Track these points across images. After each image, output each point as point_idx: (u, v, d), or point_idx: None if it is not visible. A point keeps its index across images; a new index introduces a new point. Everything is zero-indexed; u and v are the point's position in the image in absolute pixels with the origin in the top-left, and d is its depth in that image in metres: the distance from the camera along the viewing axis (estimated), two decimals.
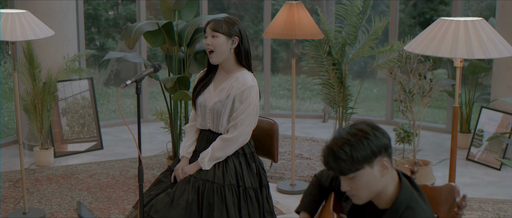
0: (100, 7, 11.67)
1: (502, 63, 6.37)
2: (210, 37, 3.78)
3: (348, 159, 2.43)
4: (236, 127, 3.76)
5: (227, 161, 3.80)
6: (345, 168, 2.45)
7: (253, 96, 3.76)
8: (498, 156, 6.36)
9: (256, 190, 3.83)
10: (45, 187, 5.79)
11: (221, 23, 3.77)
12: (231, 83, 3.81)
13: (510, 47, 3.70)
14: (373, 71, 11.90)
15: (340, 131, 2.50)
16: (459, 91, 3.91)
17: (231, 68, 3.85)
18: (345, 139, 2.46)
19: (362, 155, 2.44)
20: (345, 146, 2.44)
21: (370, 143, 2.45)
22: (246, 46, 3.85)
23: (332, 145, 2.47)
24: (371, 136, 2.47)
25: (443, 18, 3.75)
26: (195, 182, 3.72)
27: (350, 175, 2.47)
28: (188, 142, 3.97)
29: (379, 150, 2.47)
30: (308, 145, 7.14)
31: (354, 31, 6.07)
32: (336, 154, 2.44)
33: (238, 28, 3.80)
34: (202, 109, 3.87)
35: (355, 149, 2.44)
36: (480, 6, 11.44)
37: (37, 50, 6.47)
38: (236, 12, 12.67)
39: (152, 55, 11.67)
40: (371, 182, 2.49)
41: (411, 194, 2.56)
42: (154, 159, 6.60)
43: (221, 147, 3.76)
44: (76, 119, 6.79)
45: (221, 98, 3.80)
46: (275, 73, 12.50)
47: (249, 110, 3.76)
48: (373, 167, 2.47)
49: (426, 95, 5.62)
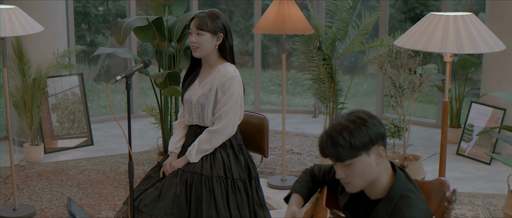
0: (89, 3, 11.63)
1: (491, 58, 6.39)
2: (195, 35, 3.79)
3: (346, 145, 2.45)
4: (221, 118, 3.77)
5: (215, 154, 3.81)
6: (343, 154, 2.46)
7: (235, 86, 3.78)
8: (488, 150, 6.38)
9: (245, 182, 3.84)
10: (35, 183, 5.77)
11: (206, 20, 3.77)
12: (214, 76, 3.83)
13: (500, 42, 3.71)
14: (364, 66, 11.92)
15: (339, 118, 2.52)
16: (449, 86, 3.92)
17: (214, 62, 3.87)
18: (344, 125, 2.48)
19: (361, 142, 2.46)
20: (344, 132, 2.46)
21: (368, 131, 2.48)
22: (230, 41, 3.87)
23: (331, 131, 2.48)
24: (370, 124, 2.49)
25: (433, 13, 3.76)
26: (183, 175, 3.73)
27: (347, 161, 2.48)
28: (176, 137, 3.99)
29: (376, 138, 2.49)
30: (299, 140, 7.15)
31: (344, 26, 6.07)
32: (335, 139, 2.46)
33: (222, 23, 3.81)
34: (188, 104, 3.89)
35: (353, 135, 2.46)
36: (470, 1, 11.47)
37: (26, 46, 6.45)
38: (226, 7, 12.65)
39: (142, 51, 11.64)
40: (367, 170, 2.51)
41: (406, 183, 2.58)
42: (145, 155, 6.59)
43: (207, 139, 3.77)
44: (66, 115, 6.78)
45: (205, 91, 3.82)
46: (266, 69, 12.50)
47: (233, 100, 3.77)
48: (369, 155, 2.50)
49: (416, 90, 5.63)
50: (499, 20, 6.26)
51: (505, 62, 6.28)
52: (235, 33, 12.39)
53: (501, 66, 6.33)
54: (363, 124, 2.48)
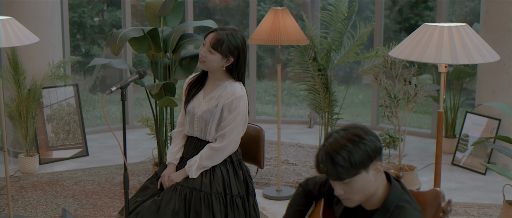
0: (85, 14, 11.63)
1: (486, 68, 6.41)
2: (206, 50, 3.75)
3: (346, 164, 2.43)
4: (224, 136, 3.75)
5: (214, 169, 3.79)
6: (342, 173, 2.44)
7: (241, 106, 3.76)
8: (483, 160, 6.39)
9: (243, 198, 3.82)
10: (30, 194, 5.76)
11: (222, 41, 3.71)
12: (220, 92, 3.79)
13: (494, 53, 3.72)
14: (359, 77, 11.93)
15: (335, 135, 2.49)
16: (444, 96, 3.93)
17: (221, 77, 3.84)
18: (342, 144, 2.45)
19: (360, 161, 2.44)
20: (342, 151, 2.44)
21: (367, 148, 2.46)
22: (241, 66, 3.81)
23: (329, 150, 2.45)
24: (367, 140, 2.47)
25: (427, 24, 3.77)
26: (181, 190, 3.71)
27: (346, 180, 2.47)
28: (175, 148, 3.95)
29: (374, 154, 2.48)
30: (294, 151, 7.15)
31: (339, 37, 6.08)
32: (334, 159, 2.43)
33: (237, 47, 3.75)
34: (191, 116, 3.86)
35: (353, 155, 2.43)
36: (464, 12, 11.50)
37: (22, 56, 6.44)
38: (221, 18, 12.67)
39: (137, 62, 11.64)
40: (366, 186, 2.50)
41: (401, 193, 2.58)
42: (140, 166, 6.59)
43: (209, 156, 3.75)
44: (61, 126, 6.77)
45: (210, 107, 3.79)
46: (261, 79, 12.51)
47: (238, 120, 3.75)
48: (368, 171, 2.48)
49: (411, 100, 5.64)
50: (494, 31, 6.28)
51: (500, 72, 6.30)
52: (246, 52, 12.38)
53: (495, 77, 6.34)
54: (361, 142, 2.46)
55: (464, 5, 11.51)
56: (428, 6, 11.99)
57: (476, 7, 11.21)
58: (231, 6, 12.69)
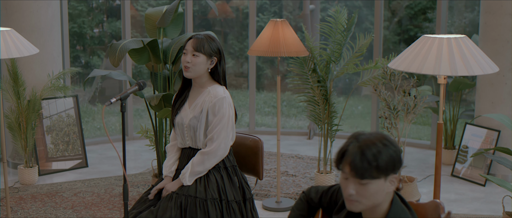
0: (85, 25, 11.65)
1: (485, 79, 6.42)
2: (190, 55, 3.82)
3: (372, 165, 2.44)
4: (212, 140, 3.78)
5: (209, 176, 3.81)
6: (366, 171, 2.45)
7: (225, 108, 3.79)
8: (482, 172, 6.39)
9: (240, 203, 3.84)
10: (30, 205, 5.75)
11: (203, 42, 3.81)
12: (204, 97, 3.85)
13: (493, 64, 3.73)
14: (358, 88, 11.94)
15: (367, 135, 2.51)
16: (443, 108, 3.94)
17: (204, 83, 3.90)
18: (375, 142, 2.48)
19: (385, 164, 2.46)
20: (374, 148, 2.46)
21: (393, 154, 2.48)
22: (224, 66, 3.90)
23: (364, 146, 2.47)
24: (395, 148, 2.50)
25: (426, 36, 3.78)
26: (177, 198, 3.73)
27: (365, 180, 2.47)
28: (170, 161, 3.99)
29: (396, 165, 2.50)
30: (294, 162, 7.15)
31: (338, 48, 6.09)
32: (365, 153, 2.45)
33: (217, 48, 3.86)
34: (181, 127, 3.90)
35: (381, 155, 2.46)
36: (463, 23, 11.53)
37: (21, 67, 6.45)
38: (221, 29, 12.69)
39: (137, 73, 11.65)
40: (378, 194, 2.50)
41: (402, 209, 2.58)
42: (139, 177, 6.58)
43: (200, 162, 3.78)
44: (61, 137, 6.77)
45: (196, 113, 3.83)
46: (260, 90, 12.52)
47: (224, 121, 3.78)
48: (386, 180, 2.49)
49: (411, 111, 5.65)
50: (493, 42, 6.29)
51: (499, 83, 6.31)
52: (230, 55, 12.42)
53: (495, 88, 6.35)
54: (390, 147, 2.49)
55: (463, 16, 11.53)
56: (427, 18, 12.02)
57: (475, 18, 11.23)
58: (231, 18, 12.71)
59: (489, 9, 6.32)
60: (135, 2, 11.82)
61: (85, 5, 11.75)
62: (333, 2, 11.90)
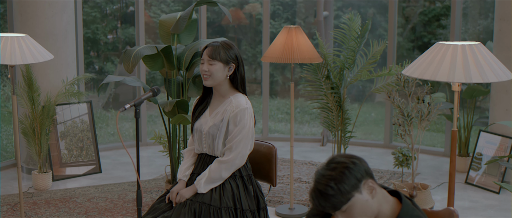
0: (99, 31, 11.70)
1: (500, 86, 6.39)
2: (207, 64, 3.81)
3: (336, 193, 2.47)
4: (231, 149, 3.77)
5: (224, 184, 3.80)
6: (337, 202, 2.48)
7: (247, 119, 3.78)
8: (497, 179, 6.36)
9: (254, 212, 3.83)
10: (43, 211, 5.77)
11: (219, 49, 3.79)
12: (225, 106, 3.83)
13: (508, 71, 3.71)
14: (372, 95, 11.92)
15: (319, 171, 2.54)
16: (457, 115, 3.92)
17: (225, 92, 3.88)
18: (327, 176, 2.50)
19: (348, 185, 2.48)
20: (330, 182, 2.48)
21: (351, 171, 2.50)
22: (242, 72, 3.88)
23: (317, 186, 2.50)
24: (350, 164, 2.51)
25: (440, 43, 3.77)
26: (191, 205, 3.72)
27: (343, 207, 2.49)
28: (185, 165, 3.99)
29: (361, 175, 2.51)
30: (307, 169, 7.14)
31: (352, 55, 6.09)
32: (324, 192, 2.48)
33: (234, 54, 3.83)
34: (198, 134, 3.89)
35: (339, 182, 2.48)
36: (477, 30, 11.49)
37: (36, 73, 6.48)
38: (234, 36, 12.71)
39: (151, 79, 11.69)
40: (365, 207, 2.51)
41: (413, 211, 2.57)
42: (153, 183, 6.59)
43: (217, 170, 3.77)
44: (75, 143, 6.79)
45: (216, 122, 3.82)
46: (273, 97, 12.52)
47: (244, 132, 3.77)
48: (361, 192, 2.50)
49: (425, 118, 5.63)
50: (507, 49, 6.26)
51: None
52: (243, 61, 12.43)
53: (509, 95, 6.32)
54: (345, 167, 2.50)
55: (477, 23, 11.50)
56: (441, 25, 11.98)
57: (489, 25, 11.20)
58: (244, 24, 12.73)
59: (504, 16, 6.30)
60: (149, 8, 11.86)
61: (99, 11, 11.81)
62: (346, 9, 11.90)
